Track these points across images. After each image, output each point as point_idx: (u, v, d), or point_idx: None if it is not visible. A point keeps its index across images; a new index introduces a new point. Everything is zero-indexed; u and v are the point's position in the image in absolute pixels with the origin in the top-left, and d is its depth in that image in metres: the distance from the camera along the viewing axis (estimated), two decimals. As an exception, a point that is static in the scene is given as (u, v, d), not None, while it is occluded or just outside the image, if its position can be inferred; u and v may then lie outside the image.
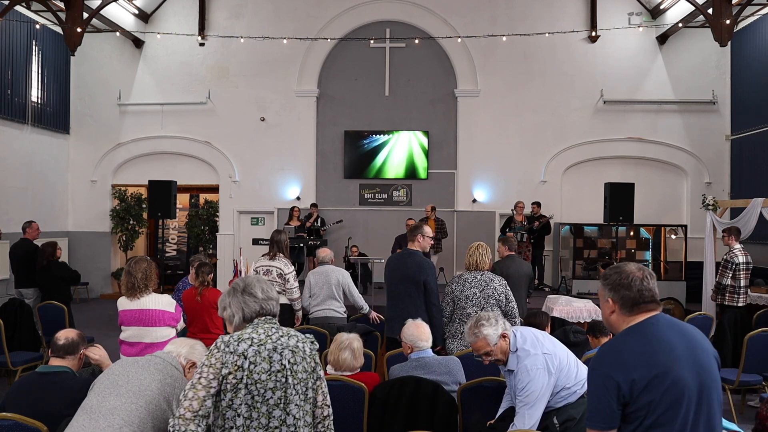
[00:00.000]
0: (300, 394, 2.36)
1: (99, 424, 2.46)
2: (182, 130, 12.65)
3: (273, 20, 12.39)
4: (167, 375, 2.66)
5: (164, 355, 2.79)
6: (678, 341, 2.05)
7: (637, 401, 1.98)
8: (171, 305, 4.42)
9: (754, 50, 11.17)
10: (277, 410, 2.29)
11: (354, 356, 3.57)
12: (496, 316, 3.32)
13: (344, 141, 12.39)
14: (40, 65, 11.64)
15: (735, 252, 7.00)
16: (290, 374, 2.33)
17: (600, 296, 2.23)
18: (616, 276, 2.17)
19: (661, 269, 11.43)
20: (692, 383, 2.00)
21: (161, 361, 2.73)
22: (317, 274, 6.11)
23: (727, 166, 12.06)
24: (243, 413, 2.26)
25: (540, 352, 3.14)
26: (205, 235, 13.05)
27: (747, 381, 5.56)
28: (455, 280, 4.77)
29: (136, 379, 2.58)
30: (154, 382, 2.60)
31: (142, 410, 2.51)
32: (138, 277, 4.32)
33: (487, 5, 12.31)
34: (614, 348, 2.08)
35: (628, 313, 2.13)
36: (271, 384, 2.29)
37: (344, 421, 3.42)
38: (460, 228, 12.20)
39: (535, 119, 12.23)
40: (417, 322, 3.86)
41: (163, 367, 2.69)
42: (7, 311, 6.42)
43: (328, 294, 5.98)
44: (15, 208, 10.83)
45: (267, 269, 5.77)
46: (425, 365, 3.61)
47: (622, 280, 2.15)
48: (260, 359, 2.29)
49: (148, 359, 2.75)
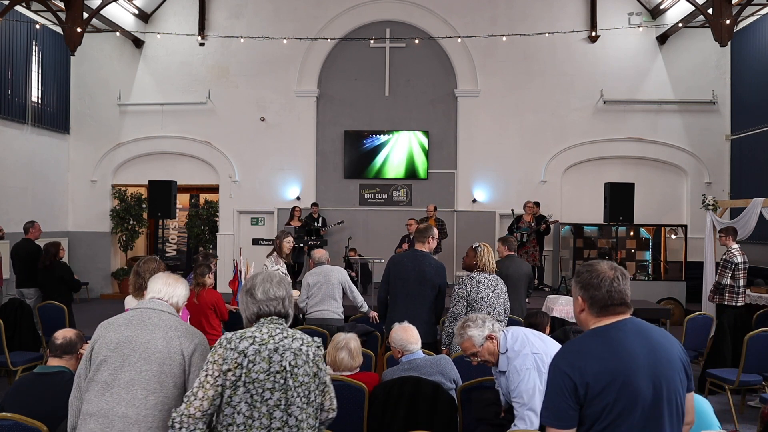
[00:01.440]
0: (302, 397, 2.34)
1: (123, 397, 2.44)
2: (182, 130, 12.65)
3: (273, 20, 12.39)
4: (167, 327, 2.58)
5: (154, 304, 2.68)
6: (640, 349, 2.03)
7: (590, 405, 1.98)
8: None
9: (754, 50, 11.17)
10: (278, 411, 2.28)
11: (351, 356, 3.57)
12: (485, 317, 3.33)
13: (344, 141, 12.39)
14: (40, 65, 11.64)
15: (733, 252, 7.01)
16: (290, 377, 2.31)
17: (572, 293, 2.22)
18: (587, 274, 2.15)
19: (661, 269, 11.43)
20: (647, 392, 1.99)
21: (154, 313, 2.63)
22: (315, 274, 6.10)
23: (727, 166, 12.06)
24: (243, 411, 2.26)
25: (529, 351, 3.13)
26: (205, 235, 13.05)
27: (747, 381, 5.56)
28: (467, 281, 4.74)
29: (141, 344, 2.51)
30: (159, 341, 2.53)
31: (159, 374, 2.49)
32: (146, 277, 4.32)
33: (487, 5, 12.31)
34: (576, 348, 2.08)
35: (596, 314, 2.12)
36: (269, 384, 2.28)
37: (344, 421, 3.42)
38: (460, 228, 12.20)
39: (535, 119, 12.23)
40: (405, 326, 3.83)
41: (158, 319, 2.60)
42: (7, 311, 6.42)
43: (326, 294, 5.95)
44: (15, 208, 10.82)
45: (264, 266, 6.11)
46: (417, 367, 3.59)
47: (592, 280, 2.12)
48: (260, 359, 2.29)
49: (139, 314, 2.63)
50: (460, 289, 4.74)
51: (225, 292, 7.99)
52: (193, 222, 13.18)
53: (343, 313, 6.10)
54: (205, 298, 5.32)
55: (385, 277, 5.12)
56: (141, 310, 2.66)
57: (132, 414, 2.43)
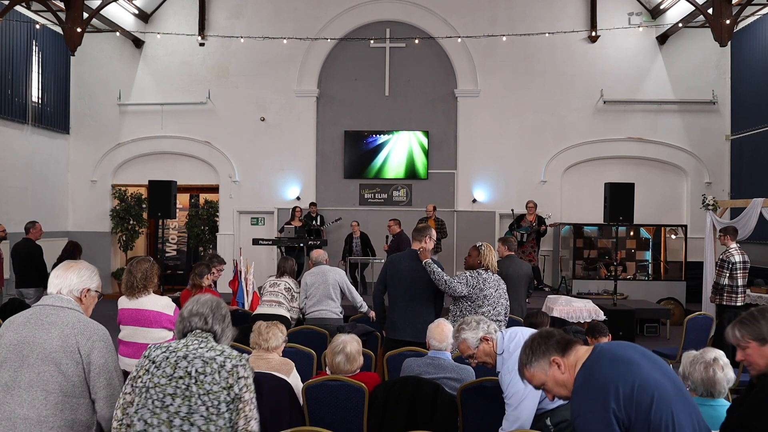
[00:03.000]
0: (209, 408, 2.24)
1: (24, 398, 2.41)
2: (182, 130, 12.65)
3: (273, 20, 12.39)
4: (64, 325, 2.50)
5: (53, 300, 2.59)
6: (631, 352, 2.07)
7: (631, 415, 1.95)
8: (170, 308, 4.40)
9: (754, 50, 11.17)
10: (178, 419, 2.22)
11: (347, 360, 3.51)
12: (479, 319, 3.31)
13: (344, 141, 12.39)
14: (40, 65, 11.63)
15: (731, 251, 7.01)
16: (195, 383, 2.24)
17: (538, 377, 2.18)
18: (535, 344, 2.18)
19: (661, 269, 11.43)
20: (663, 380, 2.02)
21: (52, 309, 2.54)
22: (313, 274, 6.11)
23: (727, 166, 12.06)
24: (145, 417, 2.24)
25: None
26: (205, 235, 13.05)
27: (747, 381, 5.55)
28: (475, 275, 4.73)
29: (38, 345, 2.45)
30: (54, 340, 2.46)
31: (57, 374, 2.45)
32: (138, 277, 4.33)
33: (487, 5, 12.31)
34: (589, 380, 2.02)
35: (565, 354, 2.13)
36: (171, 390, 2.24)
37: (344, 421, 3.43)
38: (460, 228, 12.20)
39: (535, 119, 12.23)
40: (439, 321, 3.86)
41: (56, 317, 2.51)
42: (7, 311, 6.41)
43: (324, 294, 5.96)
44: (15, 208, 10.82)
45: (275, 282, 6.10)
46: (439, 366, 3.59)
47: (542, 340, 2.16)
48: (166, 364, 2.28)
49: (37, 312, 2.54)
50: (465, 278, 4.71)
51: (225, 292, 8.00)
52: (193, 222, 13.17)
53: (342, 313, 6.11)
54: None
55: (381, 276, 5.09)
56: (40, 307, 2.58)
57: (33, 415, 2.41)
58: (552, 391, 2.20)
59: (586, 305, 7.86)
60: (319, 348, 4.72)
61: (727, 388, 2.82)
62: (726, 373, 2.79)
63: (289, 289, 6.01)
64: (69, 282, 2.64)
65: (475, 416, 3.47)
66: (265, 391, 3.45)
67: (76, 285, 2.65)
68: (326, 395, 3.45)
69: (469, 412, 3.47)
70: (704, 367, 2.78)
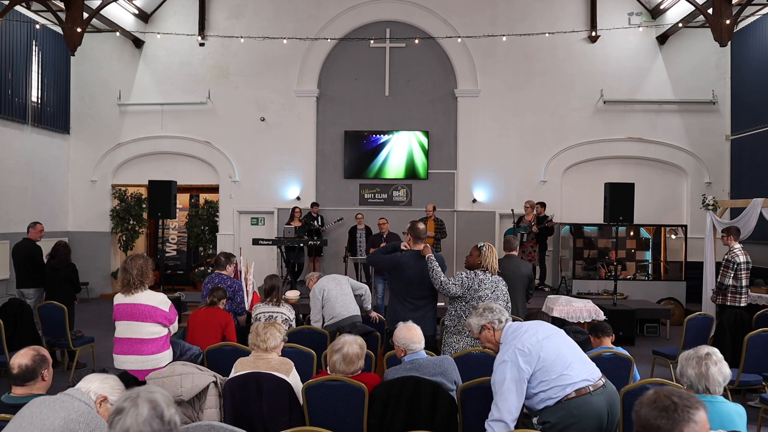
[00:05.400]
0: None
1: None
2: (182, 130, 12.65)
3: (273, 20, 12.40)
4: (72, 410, 2.54)
5: (73, 392, 2.67)
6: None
7: None
8: (165, 304, 4.42)
9: (754, 50, 11.16)
10: None
11: (344, 361, 3.48)
12: (491, 308, 3.42)
13: (344, 141, 12.39)
14: (40, 65, 11.63)
15: (735, 252, 7.00)
16: None
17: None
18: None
19: (661, 269, 11.43)
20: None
21: (69, 398, 2.62)
22: (324, 282, 5.89)
23: (727, 166, 12.06)
24: None
25: (513, 345, 3.14)
26: (205, 235, 13.05)
27: (747, 381, 5.56)
28: (471, 276, 4.75)
29: (39, 420, 2.49)
30: (57, 420, 2.49)
31: None
32: (133, 273, 4.35)
33: (487, 5, 12.31)
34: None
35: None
36: None
37: (344, 421, 3.42)
38: (460, 228, 12.21)
39: (535, 119, 12.23)
40: (408, 325, 3.82)
41: (70, 404, 2.57)
42: (7, 311, 6.42)
43: (346, 299, 5.80)
44: (15, 208, 10.83)
45: (270, 315, 5.59)
46: (419, 367, 3.58)
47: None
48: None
49: (56, 398, 2.63)
50: (459, 277, 4.75)
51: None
52: (193, 222, 13.17)
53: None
54: (215, 316, 5.20)
55: (389, 260, 5.06)
56: (62, 394, 2.67)
57: None
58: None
59: (586, 305, 7.86)
60: (319, 348, 4.73)
61: (723, 384, 2.82)
62: (720, 368, 2.79)
63: (287, 320, 5.59)
64: (106, 387, 2.74)
65: (476, 416, 3.47)
66: (265, 390, 3.46)
67: (107, 392, 2.73)
68: (326, 395, 3.44)
69: (469, 412, 3.47)
70: (696, 362, 2.79)
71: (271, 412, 3.44)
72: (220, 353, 4.50)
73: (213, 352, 4.53)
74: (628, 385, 3.71)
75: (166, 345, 4.49)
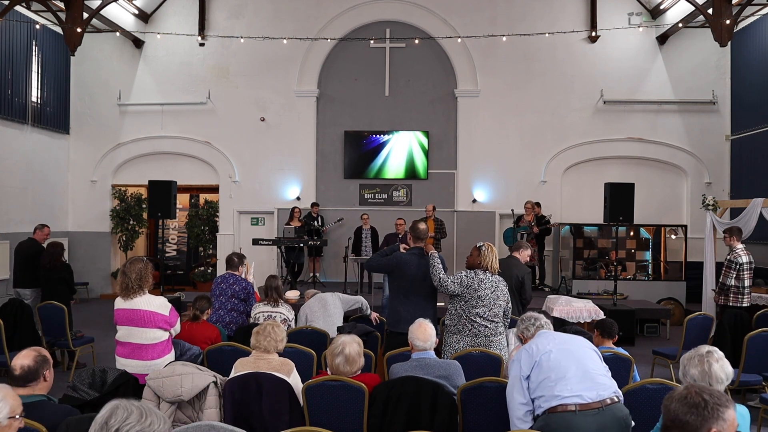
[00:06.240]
0: None
1: None
2: (182, 130, 12.65)
3: (273, 20, 12.39)
4: None
5: None
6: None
7: None
8: (165, 308, 4.39)
9: (754, 50, 11.16)
10: None
11: (347, 362, 3.48)
12: (534, 317, 3.70)
13: (344, 141, 12.39)
14: (40, 65, 11.63)
15: (738, 252, 6.99)
16: None
17: None
18: None
19: (661, 269, 11.43)
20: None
21: None
22: (315, 302, 5.86)
23: (727, 166, 12.06)
24: None
25: (527, 345, 3.34)
26: (205, 235, 13.05)
27: (747, 381, 5.55)
28: (471, 276, 4.74)
29: None
30: None
31: None
32: (132, 277, 4.33)
33: (487, 5, 12.31)
34: None
35: None
36: None
37: (344, 421, 3.42)
38: (460, 228, 12.21)
39: (535, 119, 12.23)
40: (420, 321, 3.90)
41: None
42: (7, 311, 6.41)
43: (329, 321, 5.74)
44: (15, 208, 10.82)
45: (270, 314, 5.55)
46: (426, 366, 3.60)
47: None
48: None
49: None
50: (459, 276, 4.74)
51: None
52: (193, 222, 13.17)
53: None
54: (203, 332, 5.02)
55: (390, 262, 5.11)
56: None
57: None
58: None
59: (586, 305, 7.87)
60: (319, 348, 4.72)
61: (727, 382, 2.82)
62: (722, 365, 2.79)
63: (286, 320, 5.56)
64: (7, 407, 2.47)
65: (476, 416, 3.47)
66: (266, 391, 3.45)
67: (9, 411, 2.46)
68: (326, 395, 3.44)
69: (469, 412, 3.47)
70: (698, 360, 2.80)
71: (271, 413, 3.43)
72: (220, 353, 4.50)
73: (213, 352, 4.53)
74: (628, 385, 3.72)
75: (168, 349, 4.43)
